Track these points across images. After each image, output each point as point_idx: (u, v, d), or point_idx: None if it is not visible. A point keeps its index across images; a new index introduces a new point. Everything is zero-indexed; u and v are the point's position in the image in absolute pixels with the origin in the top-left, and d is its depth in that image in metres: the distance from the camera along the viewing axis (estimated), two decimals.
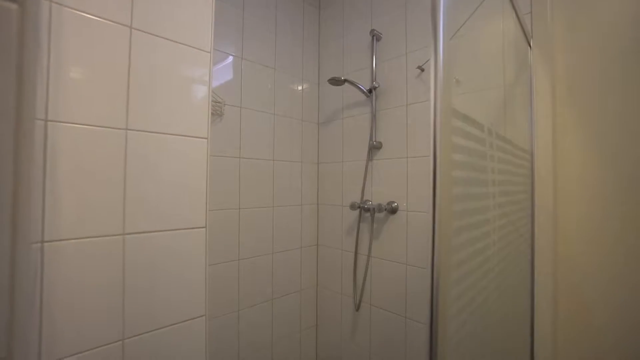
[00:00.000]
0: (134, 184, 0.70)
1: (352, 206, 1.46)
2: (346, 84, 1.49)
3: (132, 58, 0.69)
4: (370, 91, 1.47)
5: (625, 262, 0.92)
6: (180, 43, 0.77)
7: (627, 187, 0.90)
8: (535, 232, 1.02)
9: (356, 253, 1.51)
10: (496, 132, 0.83)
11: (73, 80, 0.62)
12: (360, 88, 1.48)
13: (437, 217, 0.47)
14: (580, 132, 0.99)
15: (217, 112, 1.35)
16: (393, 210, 1.39)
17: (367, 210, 1.45)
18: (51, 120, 0.59)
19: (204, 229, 0.83)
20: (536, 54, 1.01)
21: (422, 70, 1.32)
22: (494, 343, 0.85)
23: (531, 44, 1.02)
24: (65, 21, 0.60)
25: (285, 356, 1.61)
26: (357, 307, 1.50)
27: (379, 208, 1.41)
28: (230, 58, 1.41)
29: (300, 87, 1.71)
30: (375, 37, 1.47)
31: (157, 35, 0.73)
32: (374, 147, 1.46)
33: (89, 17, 0.63)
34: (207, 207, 0.84)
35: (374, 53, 1.47)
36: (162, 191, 0.75)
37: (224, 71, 1.40)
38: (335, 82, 1.48)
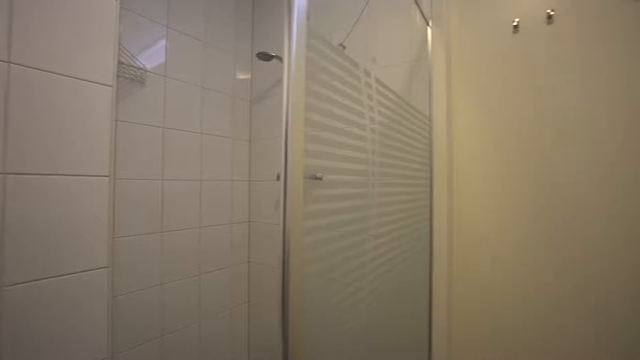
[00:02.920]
0: (20, 120, 0.66)
1: (278, 177, 1.49)
2: (275, 60, 1.53)
3: None
4: None
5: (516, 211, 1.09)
6: None
7: (516, 146, 1.07)
8: (433, 192, 1.15)
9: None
10: (377, 87, 0.93)
11: None
12: None
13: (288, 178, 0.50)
14: (472, 99, 1.14)
15: (137, 78, 1.30)
16: (318, 179, 1.45)
17: None
18: None
19: (107, 179, 0.80)
20: (434, 31, 1.15)
21: (344, 47, 1.40)
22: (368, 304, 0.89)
23: (430, 24, 1.15)
24: None
25: (215, 332, 1.58)
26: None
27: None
28: (154, 25, 1.37)
29: (232, 63, 1.70)
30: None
31: None
32: None
33: None
34: (111, 157, 0.81)
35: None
36: (57, 132, 0.71)
37: (147, 38, 1.35)
38: (264, 57, 1.51)
